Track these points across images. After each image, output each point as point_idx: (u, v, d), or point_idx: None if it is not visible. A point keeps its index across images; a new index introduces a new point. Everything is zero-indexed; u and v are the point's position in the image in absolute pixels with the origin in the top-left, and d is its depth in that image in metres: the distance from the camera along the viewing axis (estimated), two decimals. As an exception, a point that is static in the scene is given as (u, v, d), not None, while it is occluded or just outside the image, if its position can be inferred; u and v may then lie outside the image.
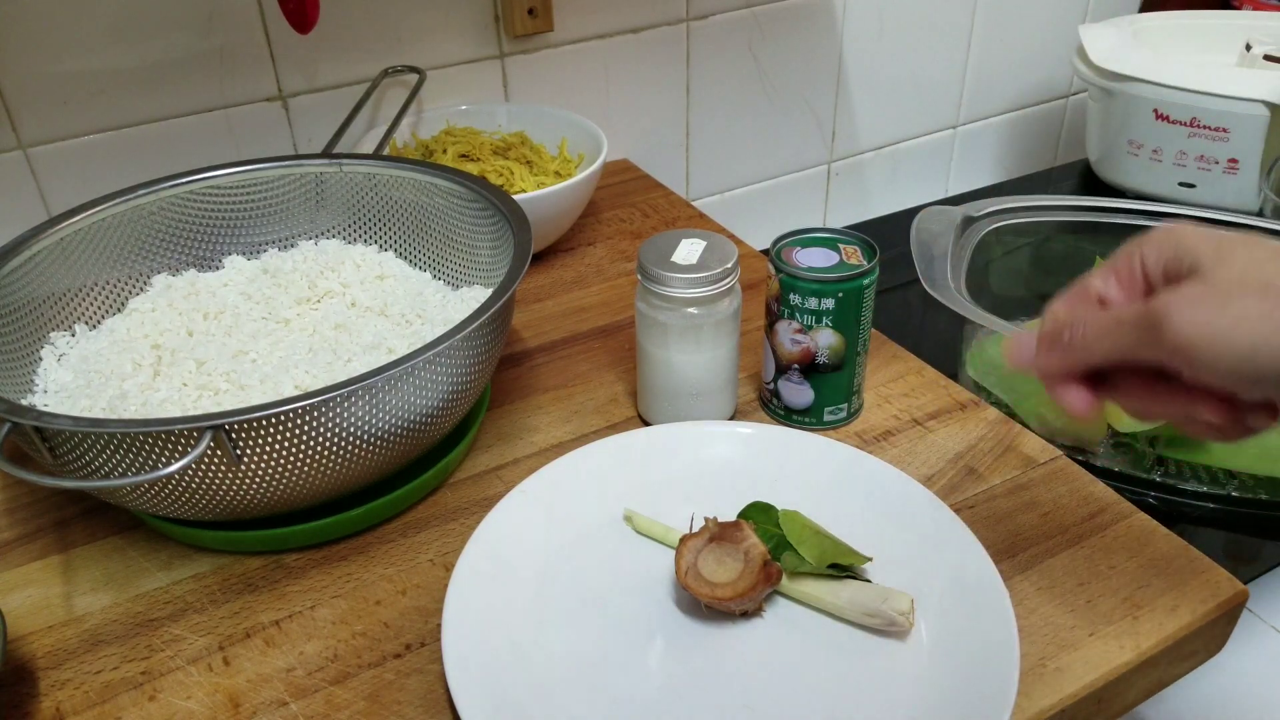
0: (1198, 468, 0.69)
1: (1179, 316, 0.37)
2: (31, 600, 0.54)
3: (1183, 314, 0.37)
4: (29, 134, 0.76)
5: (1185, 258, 0.39)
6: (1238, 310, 0.36)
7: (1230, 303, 0.36)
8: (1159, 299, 0.38)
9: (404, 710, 0.47)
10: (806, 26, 1.08)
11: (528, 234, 0.61)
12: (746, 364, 0.67)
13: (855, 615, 0.49)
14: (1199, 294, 0.37)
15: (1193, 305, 0.37)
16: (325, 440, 0.49)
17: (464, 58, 0.90)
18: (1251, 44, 1.05)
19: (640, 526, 0.55)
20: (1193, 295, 0.37)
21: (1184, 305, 0.37)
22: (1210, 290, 0.37)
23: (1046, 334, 0.42)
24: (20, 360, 0.59)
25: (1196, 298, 0.37)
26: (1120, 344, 0.40)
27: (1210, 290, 0.37)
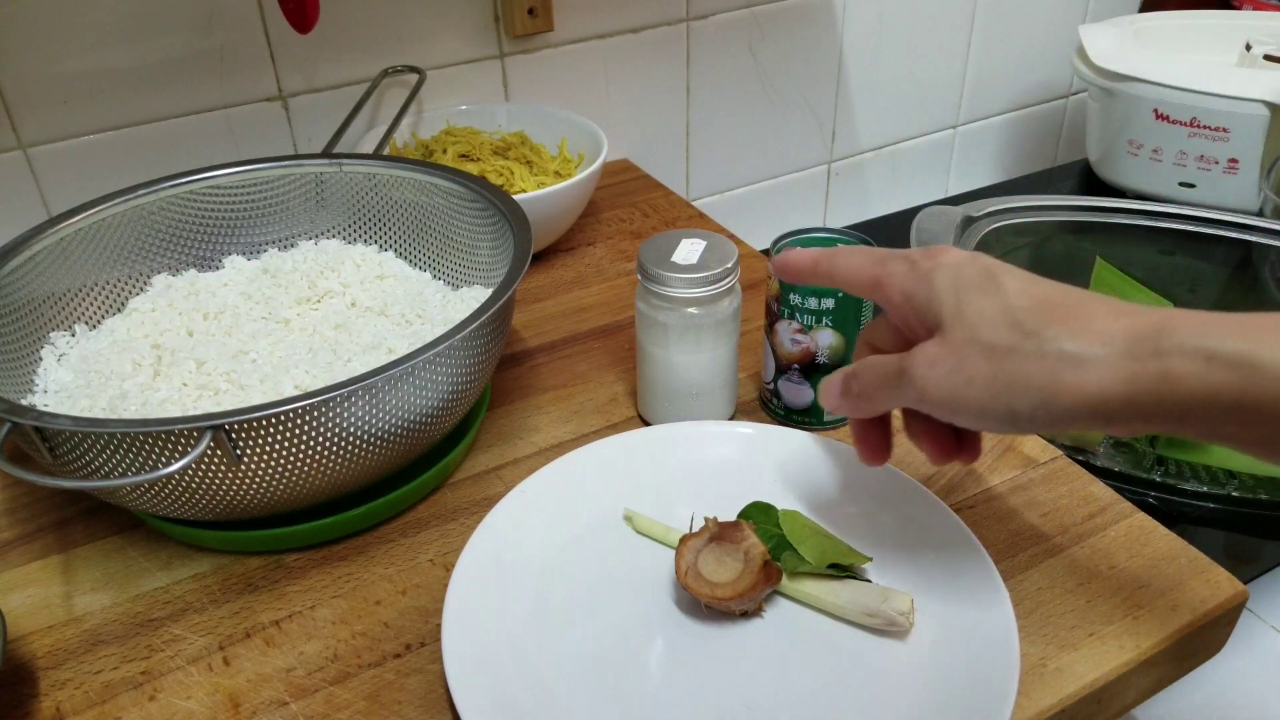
0: (1198, 468, 0.69)
1: (920, 376, 0.41)
2: (31, 600, 0.54)
3: (923, 374, 0.41)
4: (29, 134, 0.76)
5: (932, 308, 0.41)
6: (968, 372, 0.39)
7: (962, 365, 0.39)
8: (908, 358, 0.41)
9: (404, 710, 0.47)
10: (806, 26, 1.08)
11: (528, 234, 0.61)
12: (746, 364, 0.67)
13: (855, 615, 0.49)
14: (935, 355, 0.40)
15: (930, 365, 0.40)
16: (325, 440, 0.49)
17: (464, 58, 0.90)
18: (1251, 44, 1.05)
19: (640, 526, 0.55)
20: (931, 356, 0.41)
21: (923, 365, 0.41)
22: (944, 351, 0.40)
23: (839, 383, 0.46)
24: (20, 360, 0.59)
25: (932, 358, 0.40)
26: (890, 396, 0.43)
27: (944, 351, 0.40)
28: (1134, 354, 0.36)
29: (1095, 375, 0.37)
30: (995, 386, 0.39)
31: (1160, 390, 0.36)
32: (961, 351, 0.40)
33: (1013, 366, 0.38)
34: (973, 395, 0.39)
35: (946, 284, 0.41)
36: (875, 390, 0.44)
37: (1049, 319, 0.38)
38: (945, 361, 0.40)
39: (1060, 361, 0.37)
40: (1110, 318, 0.38)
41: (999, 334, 0.39)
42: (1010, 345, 0.38)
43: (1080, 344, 0.37)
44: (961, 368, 0.39)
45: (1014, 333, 0.39)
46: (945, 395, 0.40)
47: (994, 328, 0.39)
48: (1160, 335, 0.36)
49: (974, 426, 0.41)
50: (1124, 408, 0.37)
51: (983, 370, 0.39)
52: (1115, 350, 0.37)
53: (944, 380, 0.40)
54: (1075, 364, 0.37)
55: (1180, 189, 1.06)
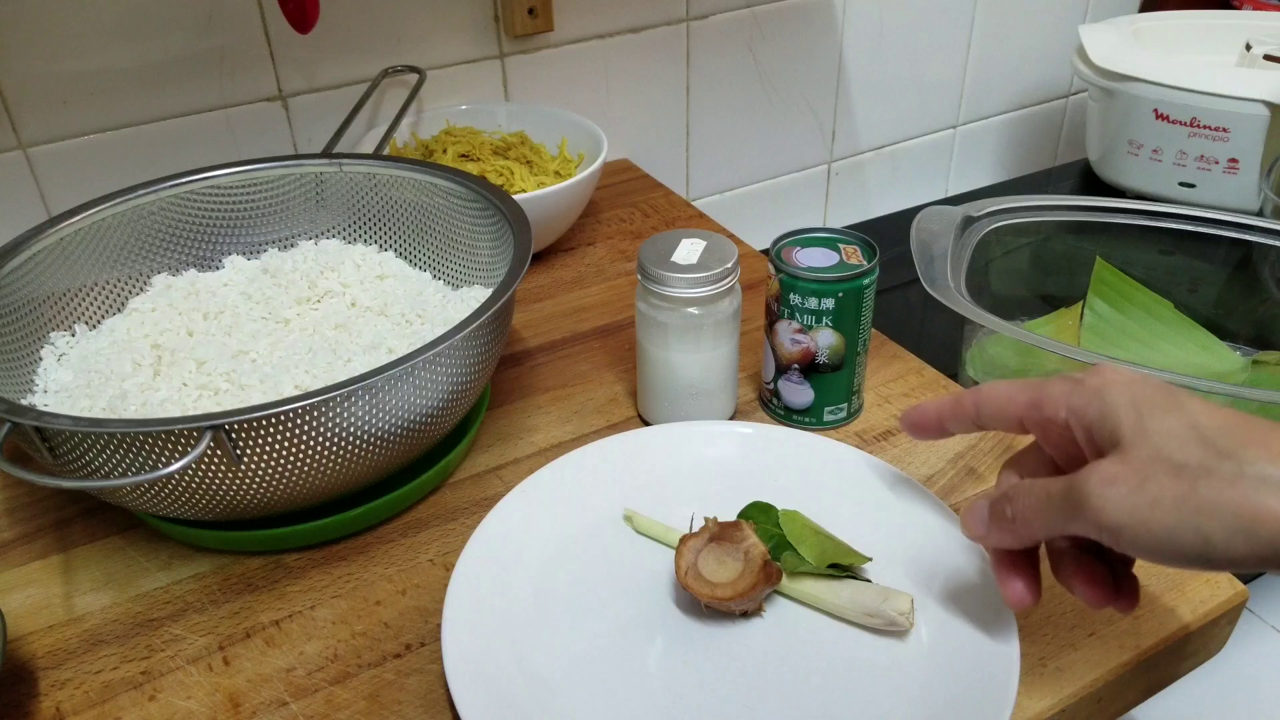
0: (1198, 468, 0.69)
1: (1098, 497, 0.37)
2: (31, 600, 0.54)
3: (1102, 494, 0.37)
4: (29, 134, 0.76)
5: (1107, 424, 0.38)
6: (1154, 492, 0.36)
7: (1146, 484, 0.36)
8: (1080, 476, 0.38)
9: (404, 710, 0.47)
10: (806, 26, 1.08)
11: (528, 234, 0.61)
12: (746, 364, 0.67)
13: (855, 615, 0.49)
14: (1116, 473, 0.37)
15: (1111, 485, 0.37)
16: (325, 440, 0.49)
17: (464, 58, 0.90)
18: (1251, 44, 1.05)
19: (640, 526, 0.55)
20: (1110, 474, 0.37)
21: (1102, 485, 0.37)
22: (1127, 470, 0.37)
23: (985, 507, 0.43)
24: (20, 360, 0.59)
25: (1113, 477, 0.37)
26: (1053, 521, 0.39)
27: (1127, 470, 0.37)
28: None
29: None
30: (1185, 509, 0.35)
31: None
32: (1146, 470, 0.36)
33: (1207, 488, 0.35)
34: (1158, 519, 0.35)
35: (1124, 400, 0.38)
36: (1035, 514, 0.40)
37: (1245, 440, 0.35)
38: (1127, 480, 0.36)
39: (1263, 485, 0.34)
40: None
41: (1189, 452, 0.35)
42: (1203, 465, 0.35)
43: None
44: (1146, 487, 0.36)
45: (1207, 452, 0.35)
46: (1126, 517, 0.36)
47: (1183, 445, 0.36)
48: None
49: (1154, 559, 0.37)
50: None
51: (1171, 490, 0.35)
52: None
53: (1125, 500, 0.36)
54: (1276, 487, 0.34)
55: (1180, 189, 1.06)
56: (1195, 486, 0.35)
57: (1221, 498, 0.34)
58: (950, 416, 0.45)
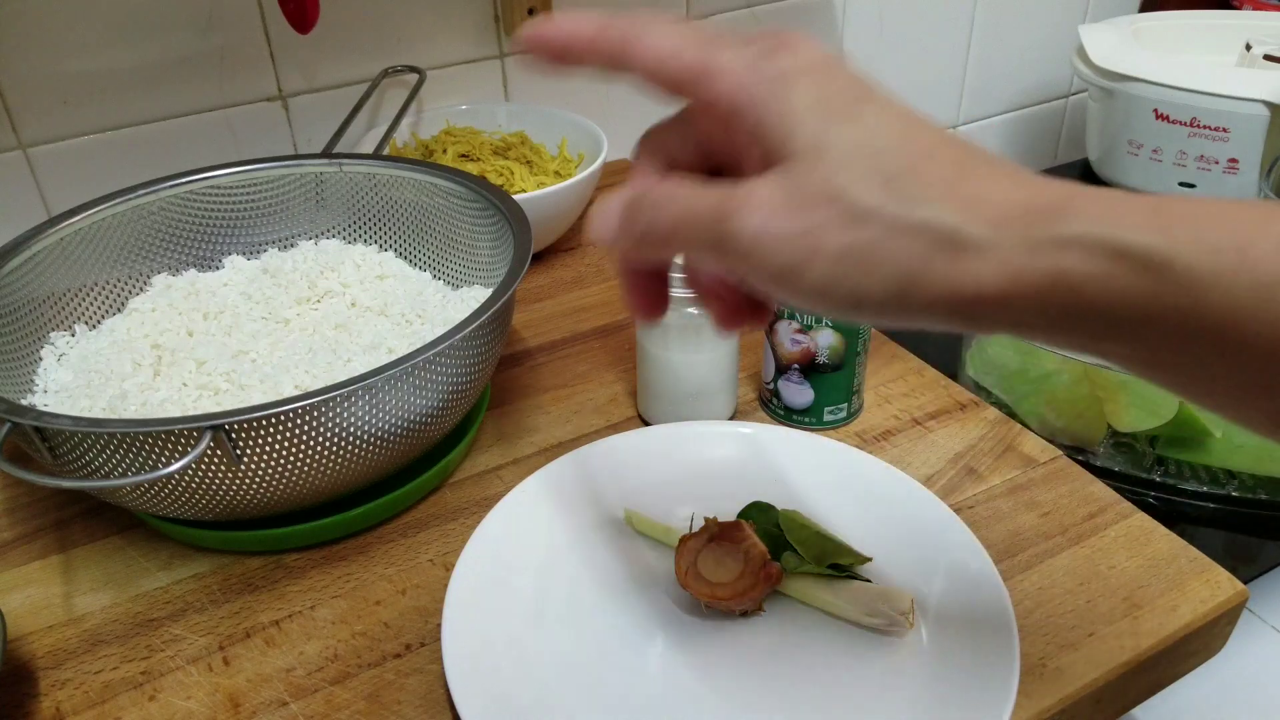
0: (1198, 468, 0.69)
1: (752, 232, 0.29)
2: (31, 600, 0.54)
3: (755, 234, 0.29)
4: (29, 134, 0.76)
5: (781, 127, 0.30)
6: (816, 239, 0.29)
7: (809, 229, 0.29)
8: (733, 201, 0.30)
9: (404, 710, 0.47)
10: (806, 26, 1.08)
11: (528, 234, 0.61)
12: (746, 364, 0.67)
13: (855, 615, 0.49)
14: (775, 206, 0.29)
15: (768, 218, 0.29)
16: (325, 440, 0.49)
17: (464, 57, 0.90)
18: (1251, 44, 1.05)
19: (640, 526, 0.55)
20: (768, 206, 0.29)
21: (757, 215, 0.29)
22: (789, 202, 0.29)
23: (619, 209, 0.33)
24: (20, 360, 0.59)
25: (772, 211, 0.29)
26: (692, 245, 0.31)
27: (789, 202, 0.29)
28: (1026, 240, 0.28)
29: (973, 263, 0.28)
30: (846, 262, 0.29)
31: (1046, 292, 0.28)
32: (811, 208, 0.29)
33: (874, 237, 0.28)
34: (814, 270, 0.29)
35: (808, 99, 0.30)
36: (671, 233, 0.31)
37: (931, 177, 0.29)
38: (787, 217, 0.29)
39: (934, 241, 0.28)
40: (1007, 187, 0.29)
41: (866, 190, 0.29)
42: (877, 207, 0.28)
43: (964, 218, 0.28)
44: (809, 231, 0.29)
45: (885, 191, 0.28)
46: (779, 265, 0.29)
47: (860, 179, 0.29)
48: (1061, 217, 0.28)
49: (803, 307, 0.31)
50: (995, 306, 0.28)
51: (835, 241, 0.29)
52: (1005, 235, 0.28)
53: (783, 245, 0.29)
54: (952, 245, 0.28)
55: (1180, 189, 1.06)
56: (861, 235, 0.28)
57: (883, 250, 0.28)
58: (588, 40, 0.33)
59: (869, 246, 0.28)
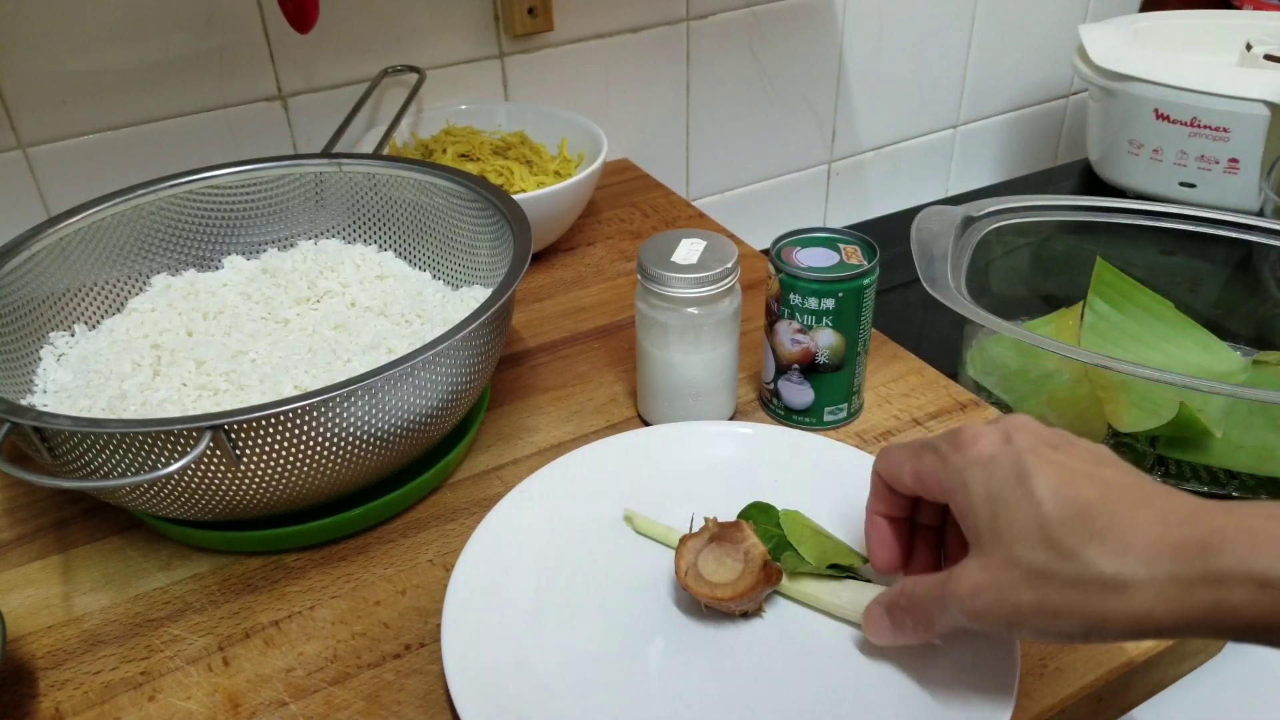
0: (1198, 468, 0.69)
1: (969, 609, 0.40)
2: (31, 600, 0.54)
3: (970, 605, 0.40)
4: (29, 134, 0.76)
5: (968, 519, 0.41)
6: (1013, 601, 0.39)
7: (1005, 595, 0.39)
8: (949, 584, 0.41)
9: (403, 710, 0.47)
10: (806, 26, 1.08)
11: (528, 234, 0.61)
12: (746, 364, 0.67)
13: (855, 615, 0.49)
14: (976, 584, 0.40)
15: (974, 596, 0.40)
16: (325, 440, 0.49)
17: (464, 57, 0.90)
18: (1252, 44, 1.05)
19: (640, 526, 0.55)
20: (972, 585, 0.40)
21: (968, 596, 0.40)
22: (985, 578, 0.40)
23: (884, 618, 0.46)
24: (20, 360, 0.59)
25: (975, 588, 0.40)
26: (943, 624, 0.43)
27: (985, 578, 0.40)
28: (1180, 579, 0.35)
29: (1140, 602, 0.36)
30: (1042, 615, 0.38)
31: (1212, 616, 0.35)
32: (1002, 578, 0.39)
33: (1055, 596, 0.37)
34: (1023, 622, 0.39)
35: (980, 491, 0.40)
36: (929, 621, 0.43)
37: (1087, 534, 0.37)
38: (988, 592, 0.39)
39: (1102, 589, 0.36)
40: (1153, 527, 0.36)
41: (1035, 554, 0.38)
42: (1049, 569, 0.37)
43: (1121, 565, 0.36)
44: (1005, 598, 0.39)
45: (1050, 553, 0.37)
46: (998, 623, 0.40)
47: (1030, 547, 0.38)
48: (1208, 555, 0.34)
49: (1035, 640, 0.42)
50: (1175, 627, 0.36)
51: (1027, 599, 0.38)
52: (1159, 573, 0.35)
53: (992, 611, 0.39)
54: (1118, 590, 0.36)
55: (1181, 189, 1.06)
56: (1045, 595, 0.38)
57: (1066, 605, 0.37)
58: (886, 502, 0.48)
59: (1053, 600, 0.37)
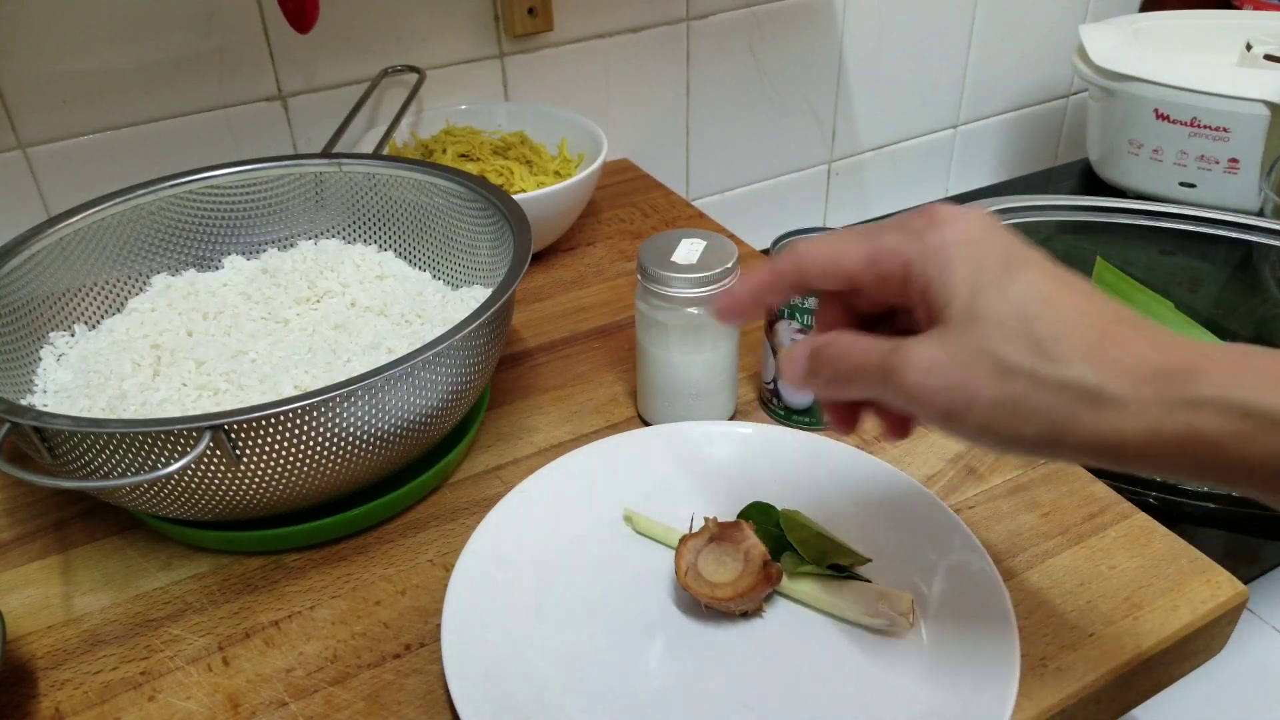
0: (1198, 468, 0.69)
1: (914, 385, 0.36)
2: (31, 600, 0.54)
3: (917, 381, 0.36)
4: (29, 134, 0.76)
5: (941, 293, 0.36)
6: (973, 388, 0.35)
7: (967, 380, 0.35)
8: (900, 355, 0.36)
9: (403, 710, 0.47)
10: (806, 26, 1.08)
11: (528, 234, 0.61)
12: (746, 364, 0.67)
13: (855, 615, 0.49)
14: (934, 360, 0.35)
15: (926, 372, 0.35)
16: (325, 440, 0.49)
17: (464, 57, 0.90)
18: (1252, 44, 1.05)
19: (640, 526, 0.55)
20: (927, 360, 0.36)
21: (918, 371, 0.36)
22: (948, 357, 0.35)
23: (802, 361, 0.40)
24: (20, 360, 0.59)
25: (930, 364, 0.35)
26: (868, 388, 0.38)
27: (948, 357, 0.35)
28: (1162, 399, 0.32)
29: (1114, 417, 0.33)
30: (1000, 410, 0.34)
31: (1185, 445, 0.32)
32: (968, 362, 0.35)
33: (1024, 391, 0.34)
34: (973, 416, 0.35)
35: (962, 269, 0.36)
36: (850, 379, 0.38)
37: (1074, 341, 0.34)
38: (946, 372, 0.35)
39: (1079, 397, 0.33)
40: (1142, 347, 0.34)
41: (1015, 350, 0.34)
42: (1026, 366, 0.34)
43: (1104, 377, 0.33)
44: (965, 383, 0.35)
45: (1032, 352, 0.34)
46: (941, 409, 0.36)
47: (1010, 340, 0.34)
48: (1192, 378, 0.32)
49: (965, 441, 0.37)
50: (1139, 454, 0.33)
51: (989, 391, 0.34)
52: (1142, 393, 0.33)
53: (942, 395, 0.35)
54: (1095, 401, 0.33)
55: (1181, 189, 1.06)
56: (1013, 388, 0.34)
57: (1034, 403, 0.34)
58: (768, 289, 0.41)
59: (1020, 399, 0.34)
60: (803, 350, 0.40)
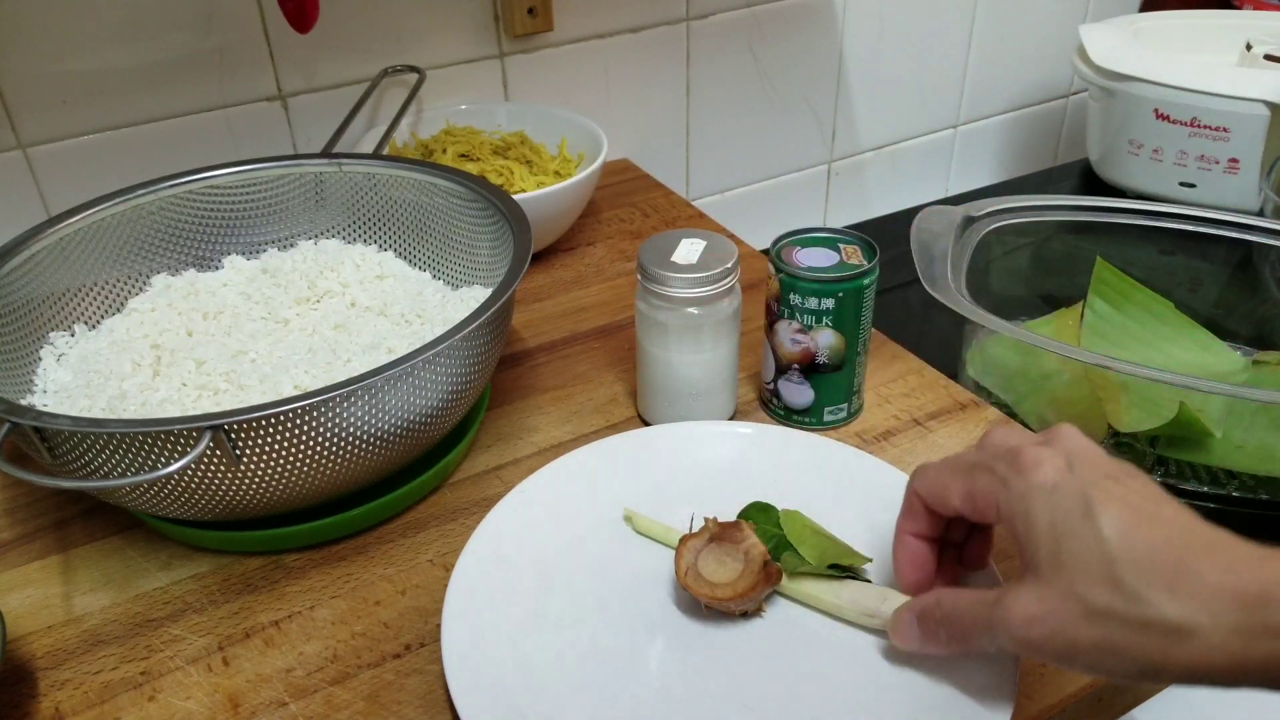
0: (1198, 468, 0.69)
1: (1020, 638, 0.39)
2: (31, 600, 0.54)
3: (1022, 634, 0.39)
4: (29, 134, 0.76)
5: (1028, 543, 0.40)
6: (1070, 637, 0.38)
7: (1063, 629, 0.38)
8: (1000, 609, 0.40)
9: (403, 710, 0.47)
10: (806, 26, 1.08)
11: (528, 234, 0.61)
12: (746, 364, 0.67)
13: (855, 615, 0.49)
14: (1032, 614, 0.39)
15: (1028, 626, 0.39)
16: (325, 440, 0.49)
17: (464, 57, 0.90)
18: (1252, 44, 1.05)
19: (640, 526, 0.55)
20: (1027, 614, 0.39)
21: (1020, 625, 0.39)
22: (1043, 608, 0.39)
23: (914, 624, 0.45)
24: (20, 360, 0.59)
25: (1030, 618, 0.39)
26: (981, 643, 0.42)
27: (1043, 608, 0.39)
28: (1242, 630, 0.35)
29: (1201, 650, 0.36)
30: (1099, 653, 0.38)
31: (1271, 668, 0.35)
32: (1062, 611, 0.38)
33: (1115, 632, 0.37)
34: (1078, 658, 0.38)
35: (1043, 519, 0.39)
36: (965, 636, 0.43)
37: (1153, 578, 0.37)
38: (1045, 623, 0.39)
39: (1165, 634, 0.36)
40: (1218, 574, 0.36)
41: (1100, 594, 0.37)
42: (1112, 608, 0.37)
43: (1185, 611, 0.36)
44: (1063, 631, 0.38)
45: (1115, 594, 0.37)
46: (1051, 655, 0.39)
47: (1095, 584, 0.37)
48: (1270, 606, 0.35)
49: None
50: (1232, 677, 0.36)
51: (1086, 636, 0.38)
52: (1223, 623, 0.35)
53: (1047, 643, 0.39)
54: (1180, 637, 0.36)
55: (1181, 189, 1.06)
56: (1108, 634, 0.37)
57: (1125, 645, 0.37)
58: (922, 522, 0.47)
59: (1113, 640, 0.37)
60: (909, 617, 0.45)
